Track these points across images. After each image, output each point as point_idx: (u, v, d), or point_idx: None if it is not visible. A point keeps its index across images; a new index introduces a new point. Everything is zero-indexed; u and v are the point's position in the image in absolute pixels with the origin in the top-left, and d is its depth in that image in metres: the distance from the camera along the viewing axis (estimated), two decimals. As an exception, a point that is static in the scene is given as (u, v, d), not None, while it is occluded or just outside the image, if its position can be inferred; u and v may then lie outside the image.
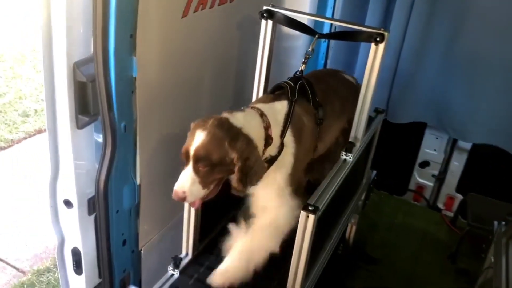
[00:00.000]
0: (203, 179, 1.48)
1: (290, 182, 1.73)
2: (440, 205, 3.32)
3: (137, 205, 1.84)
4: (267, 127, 1.62)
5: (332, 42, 3.08)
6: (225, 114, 1.56)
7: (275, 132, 1.65)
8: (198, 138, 1.48)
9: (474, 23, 2.58)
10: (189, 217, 1.75)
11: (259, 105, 1.70)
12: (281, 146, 1.67)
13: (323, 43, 3.11)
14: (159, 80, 1.77)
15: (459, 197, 3.21)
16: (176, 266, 1.75)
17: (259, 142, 1.59)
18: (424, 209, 3.32)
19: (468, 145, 3.08)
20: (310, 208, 1.52)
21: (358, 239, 2.79)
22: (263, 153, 1.63)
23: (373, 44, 1.74)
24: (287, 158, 1.71)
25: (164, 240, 2.11)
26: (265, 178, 1.65)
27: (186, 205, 1.73)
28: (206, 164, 1.46)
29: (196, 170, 1.47)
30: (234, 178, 1.52)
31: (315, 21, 2.41)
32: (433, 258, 2.87)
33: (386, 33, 1.73)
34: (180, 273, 1.75)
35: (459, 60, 2.68)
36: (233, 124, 1.53)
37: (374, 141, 2.33)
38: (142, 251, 1.97)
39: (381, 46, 1.74)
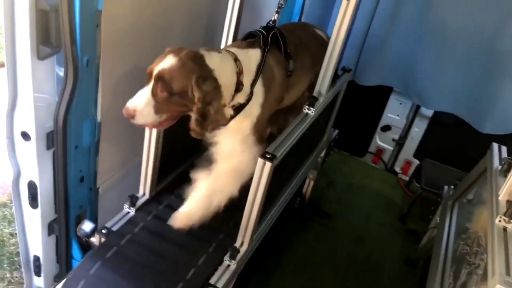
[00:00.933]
0: (158, 103, 1.46)
1: (255, 130, 1.75)
2: (397, 169, 3.44)
3: (97, 142, 1.83)
4: (239, 73, 1.61)
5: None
6: (202, 51, 1.54)
7: (247, 79, 1.65)
8: (167, 62, 1.46)
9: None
10: (148, 156, 1.76)
11: (234, 49, 1.68)
12: (250, 94, 1.68)
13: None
14: (126, 16, 1.72)
15: (416, 162, 3.33)
16: (132, 204, 1.77)
17: (230, 87, 1.59)
18: (382, 172, 3.45)
19: (429, 113, 3.17)
20: (268, 156, 1.55)
21: (315, 194, 2.88)
22: (232, 98, 1.63)
23: (344, 0, 1.74)
24: (254, 108, 1.72)
25: (124, 180, 2.11)
26: (231, 125, 1.67)
27: (145, 144, 1.74)
28: (166, 89, 1.44)
29: (154, 92, 1.45)
30: (192, 119, 1.52)
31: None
32: (385, 218, 3.01)
33: (356, -10, 1.72)
34: (136, 211, 1.78)
35: (429, 28, 2.71)
36: (207, 63, 1.51)
37: (338, 99, 2.37)
38: (100, 189, 1.97)
39: (352, 1, 1.74)
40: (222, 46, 2.06)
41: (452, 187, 2.44)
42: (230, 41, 2.04)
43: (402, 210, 3.04)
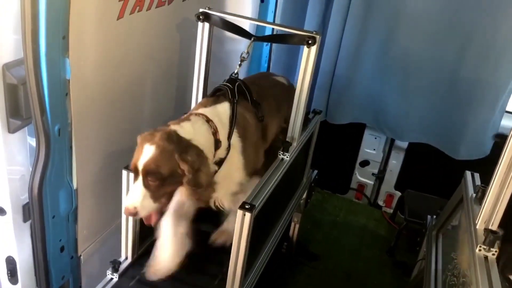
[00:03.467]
0: (154, 193, 1.49)
1: (246, 173, 1.79)
2: (381, 202, 3.47)
3: (75, 210, 1.80)
4: (215, 132, 1.65)
5: (274, 45, 3.15)
6: (172, 126, 1.58)
7: (223, 134, 1.69)
8: (147, 152, 1.49)
9: (405, 27, 2.73)
10: (127, 220, 1.74)
11: (202, 110, 1.72)
12: (229, 147, 1.72)
13: (266, 46, 3.18)
14: (96, 82, 1.75)
15: (398, 194, 3.36)
16: (115, 270, 1.73)
17: (210, 149, 1.62)
18: (365, 207, 3.46)
19: (404, 144, 3.24)
20: (247, 207, 1.55)
21: (302, 236, 2.86)
22: (214, 156, 1.66)
23: (305, 47, 1.80)
24: (235, 158, 1.75)
25: (105, 245, 2.07)
26: (222, 182, 1.72)
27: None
28: (157, 178, 1.47)
29: (146, 184, 1.48)
30: (185, 192, 1.54)
31: (259, 25, 2.47)
32: (373, 253, 2.99)
33: (317, 36, 1.79)
34: (119, 276, 1.74)
35: (392, 63, 2.82)
36: (182, 136, 1.54)
37: (312, 141, 2.41)
38: (82, 257, 1.93)
39: (313, 48, 1.80)
40: (193, 103, 2.09)
41: (434, 216, 2.46)
42: (200, 96, 2.08)
43: (389, 243, 3.04)
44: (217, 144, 1.64)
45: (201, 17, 1.87)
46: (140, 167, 1.48)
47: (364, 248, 3.03)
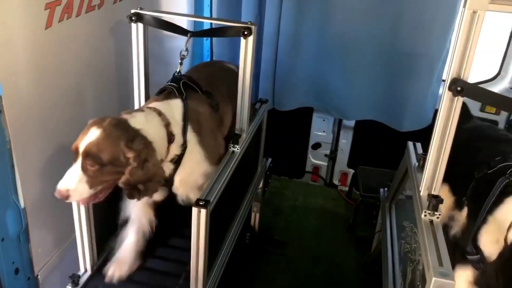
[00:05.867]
0: (90, 178, 1.45)
1: (209, 163, 1.82)
2: (336, 181, 3.55)
3: (25, 229, 1.75)
4: (167, 125, 1.65)
5: (215, 39, 3.15)
6: (124, 115, 1.56)
7: (176, 129, 1.69)
8: (91, 135, 1.46)
9: (339, 7, 2.79)
10: (80, 230, 1.70)
11: (155, 104, 1.72)
12: (185, 143, 1.71)
13: (206, 41, 3.17)
14: (31, 95, 1.69)
15: (351, 171, 3.45)
16: (75, 284, 1.70)
17: (161, 141, 1.62)
18: (322, 188, 3.54)
19: (352, 123, 3.32)
20: (201, 203, 1.55)
21: (264, 225, 2.90)
22: (168, 151, 1.66)
23: (242, 38, 1.82)
24: (195, 152, 1.76)
25: (63, 261, 2.02)
26: (187, 177, 1.74)
27: (75, 218, 1.68)
28: (96, 163, 1.43)
29: (84, 168, 1.44)
30: (127, 180, 1.50)
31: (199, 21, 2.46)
32: (335, 232, 3.07)
33: (253, 26, 1.81)
34: (81, 290, 1.71)
35: (331, 45, 2.88)
36: (131, 125, 1.53)
37: (262, 130, 2.43)
38: (39, 277, 1.87)
39: (250, 39, 1.82)
40: (136, 105, 2.07)
41: (386, 189, 2.55)
42: (142, 98, 2.05)
43: (349, 220, 3.12)
44: (170, 137, 1.63)
45: (133, 18, 1.84)
46: (81, 149, 1.44)
47: (326, 228, 3.10)
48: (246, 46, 1.85)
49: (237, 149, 1.96)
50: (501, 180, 1.44)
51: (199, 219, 1.56)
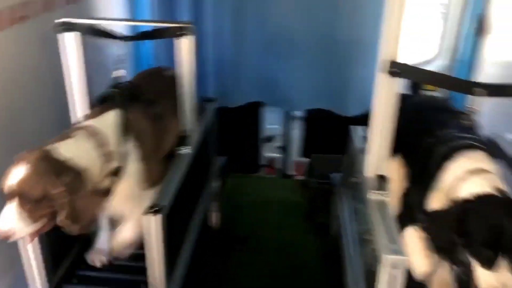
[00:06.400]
0: (30, 214, 1.39)
1: (148, 183, 1.75)
2: (292, 172, 3.59)
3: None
4: (102, 145, 1.57)
5: (156, 41, 3.09)
6: (52, 145, 1.47)
7: (114, 144, 1.62)
8: (18, 172, 1.39)
9: (277, 2, 2.81)
10: (29, 262, 1.62)
11: (89, 123, 1.64)
12: (126, 156, 1.65)
13: (147, 45, 3.12)
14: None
15: (306, 160, 3.50)
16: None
17: (96, 165, 1.54)
18: (279, 180, 3.57)
19: (301, 113, 3.37)
20: (153, 209, 1.53)
21: (226, 223, 2.90)
22: (107, 168, 1.59)
23: (179, 38, 1.79)
24: (134, 166, 1.69)
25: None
26: (121, 192, 1.65)
27: (23, 252, 1.60)
28: (29, 200, 1.38)
29: (20, 205, 1.38)
30: (60, 216, 1.43)
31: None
32: (295, 222, 3.10)
33: (189, 26, 1.79)
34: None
35: (273, 38, 2.92)
36: (59, 156, 1.44)
37: (212, 128, 2.42)
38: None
39: (187, 38, 1.80)
40: (73, 118, 1.98)
41: (339, 174, 2.60)
42: (80, 111, 1.96)
43: (307, 209, 3.17)
44: (107, 156, 1.58)
45: (62, 27, 1.76)
46: (12, 188, 1.38)
47: (286, 219, 3.13)
48: (185, 46, 1.83)
49: (187, 150, 1.94)
50: (440, 148, 1.50)
51: (153, 225, 1.53)
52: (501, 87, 1.41)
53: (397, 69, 1.34)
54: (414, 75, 1.45)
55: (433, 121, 1.64)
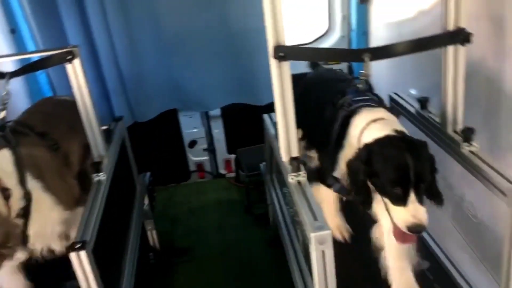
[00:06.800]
0: None
1: (63, 208, 1.70)
2: (222, 171, 3.58)
3: None
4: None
5: (50, 72, 2.94)
6: None
7: (10, 182, 1.54)
8: None
9: (167, 7, 2.77)
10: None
11: None
12: (28, 194, 1.58)
13: (41, 73, 2.95)
14: None
15: (233, 157, 3.50)
16: None
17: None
18: (211, 182, 3.56)
19: (218, 111, 3.36)
20: (77, 246, 1.45)
21: (165, 239, 2.83)
22: (8, 207, 1.51)
23: (68, 64, 1.71)
24: (42, 200, 1.63)
25: None
26: (41, 229, 1.60)
27: None
28: None
29: None
30: None
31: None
32: (235, 219, 3.11)
33: (75, 49, 1.71)
34: None
35: (172, 44, 2.87)
36: None
37: (127, 148, 2.35)
38: None
39: (77, 61, 1.72)
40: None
41: (264, 163, 2.63)
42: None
43: (244, 203, 3.18)
44: (4, 193, 1.49)
45: None
46: None
47: (226, 219, 3.13)
48: (75, 70, 1.75)
49: (103, 176, 1.86)
50: (341, 114, 1.57)
51: (80, 262, 1.45)
52: (384, 49, 1.48)
53: (283, 53, 1.36)
54: (302, 56, 1.49)
55: (331, 92, 1.70)
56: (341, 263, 1.30)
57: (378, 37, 2.85)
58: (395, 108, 2.02)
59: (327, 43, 3.21)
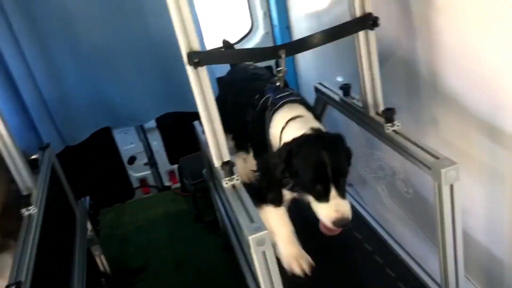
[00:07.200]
0: None
1: None
2: (167, 183, 3.52)
3: None
4: None
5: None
6: None
7: None
8: None
9: (82, 24, 2.66)
10: None
11: None
12: None
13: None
14: None
15: (176, 167, 3.45)
16: None
17: None
18: (157, 196, 3.48)
19: (153, 123, 3.29)
20: (12, 288, 1.37)
21: (117, 262, 2.74)
22: None
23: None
24: None
25: None
26: None
27: None
28: None
29: None
30: None
31: None
32: (187, 230, 3.06)
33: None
34: None
35: (92, 61, 2.76)
36: None
37: (58, 175, 2.25)
38: None
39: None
40: None
41: (205, 169, 2.61)
42: None
43: (193, 212, 3.14)
44: None
45: None
46: None
47: (177, 231, 3.07)
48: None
49: (33, 209, 1.77)
50: (267, 114, 1.58)
51: (17, 306, 1.37)
52: (298, 43, 1.49)
53: (197, 59, 1.35)
54: (218, 59, 1.48)
55: (249, 92, 1.71)
56: None
57: (300, 29, 2.89)
58: (321, 98, 2.06)
59: (252, 41, 3.23)
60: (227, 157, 1.47)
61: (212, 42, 3.19)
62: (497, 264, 1.65)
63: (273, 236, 1.68)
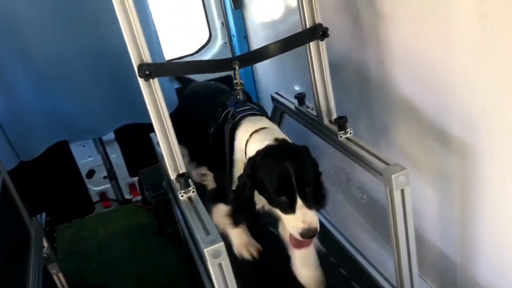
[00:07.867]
0: None
1: None
2: (128, 196, 3.45)
3: None
4: None
5: None
6: None
7: None
8: None
9: (31, 37, 2.59)
10: None
11: None
12: None
13: None
14: None
15: (136, 179, 3.39)
16: None
17: None
18: (118, 209, 3.41)
19: (111, 135, 3.23)
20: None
21: (76, 280, 2.67)
22: None
23: None
24: None
25: None
26: None
27: None
28: None
29: None
30: None
31: None
32: (149, 243, 3.01)
33: None
34: None
35: (46, 74, 2.67)
36: None
37: (10, 193, 2.16)
38: None
39: None
40: None
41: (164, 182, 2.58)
42: None
43: (155, 224, 3.09)
44: None
45: None
46: None
47: (139, 244, 3.02)
48: None
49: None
50: (226, 127, 1.58)
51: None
52: (251, 55, 1.52)
53: (148, 71, 1.34)
54: (170, 71, 1.47)
55: (210, 107, 1.70)
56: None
57: (257, 39, 2.92)
58: (278, 107, 2.08)
59: (211, 51, 3.23)
60: (183, 169, 1.46)
61: (172, 53, 3.18)
62: (450, 263, 1.71)
63: (226, 228, 1.71)
